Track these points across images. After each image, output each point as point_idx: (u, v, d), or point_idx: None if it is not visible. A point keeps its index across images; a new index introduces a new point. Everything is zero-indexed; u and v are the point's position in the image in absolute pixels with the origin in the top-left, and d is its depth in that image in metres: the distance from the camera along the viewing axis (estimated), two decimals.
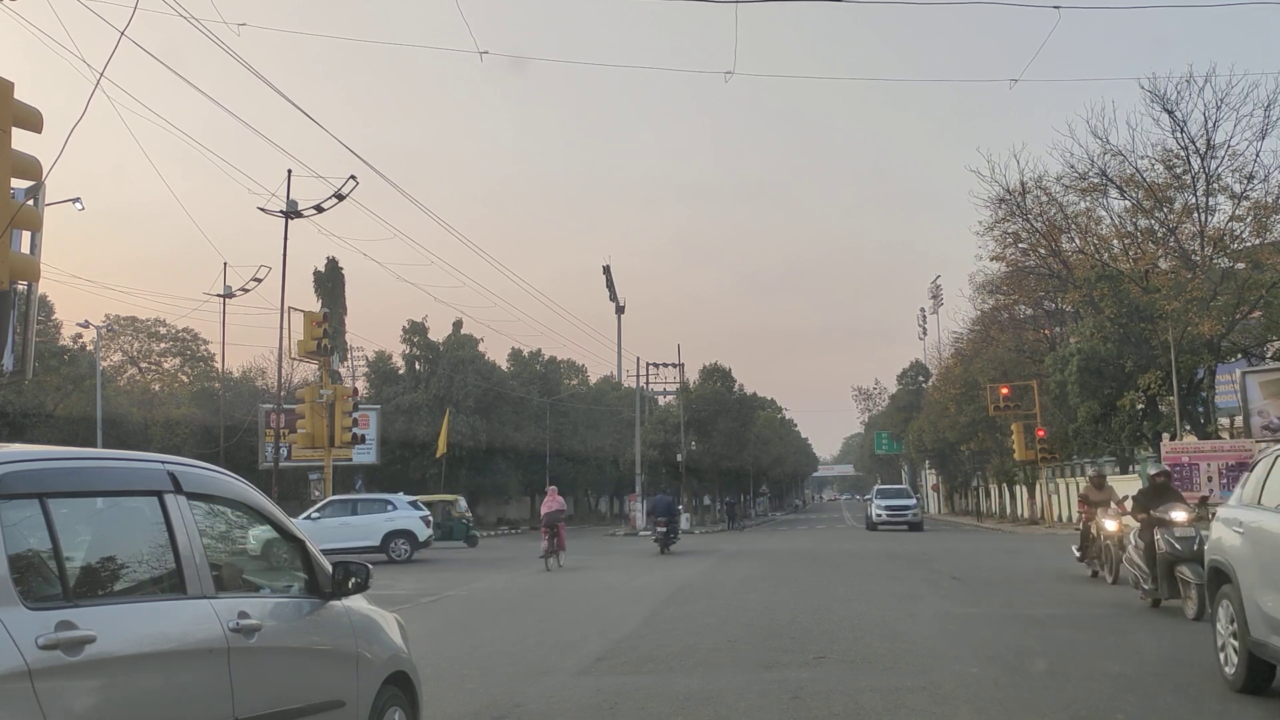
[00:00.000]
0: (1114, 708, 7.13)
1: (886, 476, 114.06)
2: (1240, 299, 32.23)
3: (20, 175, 9.09)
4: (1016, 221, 38.94)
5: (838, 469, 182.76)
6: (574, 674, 8.94)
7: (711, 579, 18.52)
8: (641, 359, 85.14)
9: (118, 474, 3.92)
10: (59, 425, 41.26)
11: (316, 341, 35.18)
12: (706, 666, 9.10)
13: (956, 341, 60.57)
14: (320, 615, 4.71)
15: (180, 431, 46.15)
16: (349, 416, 35.53)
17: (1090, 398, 35.53)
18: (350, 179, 31.76)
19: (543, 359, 70.77)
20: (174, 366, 59.34)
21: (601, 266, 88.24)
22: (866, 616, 12.31)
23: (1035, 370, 43.72)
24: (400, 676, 5.26)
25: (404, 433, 53.03)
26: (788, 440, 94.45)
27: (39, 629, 3.14)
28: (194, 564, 3.91)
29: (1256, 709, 7.07)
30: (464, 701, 7.79)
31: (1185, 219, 36.41)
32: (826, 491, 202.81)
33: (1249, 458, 30.11)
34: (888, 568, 20.32)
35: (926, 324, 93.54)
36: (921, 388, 78.04)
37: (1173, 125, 34.61)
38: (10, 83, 8.72)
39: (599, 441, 68.63)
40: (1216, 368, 34.80)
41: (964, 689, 7.84)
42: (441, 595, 16.79)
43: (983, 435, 52.60)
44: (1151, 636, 10.24)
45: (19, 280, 10.64)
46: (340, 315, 46.60)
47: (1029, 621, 11.55)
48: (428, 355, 58.16)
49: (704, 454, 58.92)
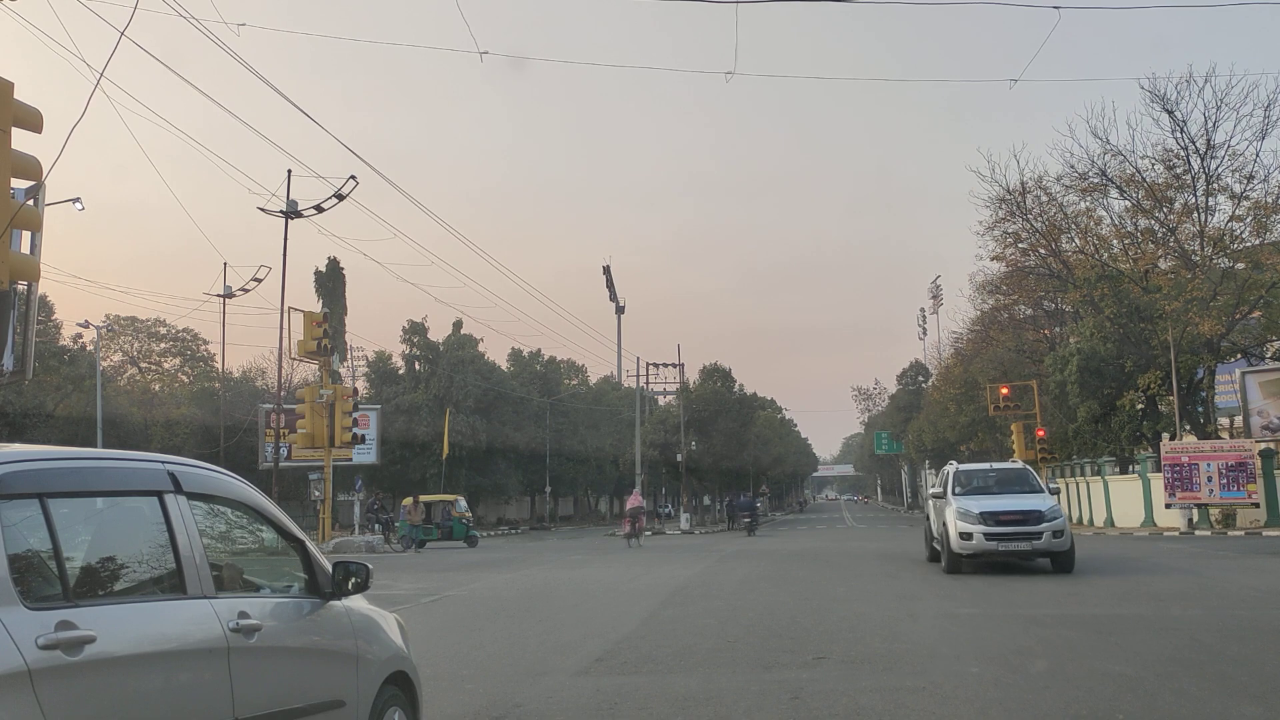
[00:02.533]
0: (1114, 708, 7.13)
1: (886, 477, 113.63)
2: (1240, 299, 32.25)
3: (20, 175, 9.10)
4: (1016, 221, 38.99)
5: (838, 469, 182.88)
6: (573, 674, 8.93)
7: (710, 579, 18.52)
8: (641, 359, 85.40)
9: (118, 474, 3.92)
10: (59, 425, 41.26)
11: (316, 341, 35.25)
12: (706, 667, 9.10)
13: (956, 341, 60.62)
14: (320, 615, 4.71)
15: (180, 431, 46.15)
16: (349, 416, 35.58)
17: (1090, 398, 35.56)
18: (350, 179, 31.84)
19: (543, 359, 70.81)
20: (174, 366, 59.39)
21: (602, 267, 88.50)
22: (866, 616, 12.31)
23: (1035, 370, 43.73)
24: (400, 676, 5.26)
25: (404, 433, 53.03)
26: (788, 440, 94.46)
27: (39, 629, 3.14)
28: (194, 564, 3.91)
29: (1257, 708, 7.07)
30: (464, 701, 7.79)
31: (1185, 219, 36.44)
32: (826, 491, 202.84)
33: (1249, 458, 30.17)
34: (888, 568, 20.32)
35: (926, 324, 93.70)
36: (921, 388, 78.10)
37: (1173, 125, 34.69)
38: (10, 83, 8.72)
39: (599, 441, 68.65)
40: (1216, 368, 34.83)
41: (964, 689, 7.83)
42: (441, 595, 16.78)
43: (983, 435, 52.61)
44: (1152, 637, 10.24)
45: (19, 280, 10.65)
46: (340, 315, 46.58)
47: (1029, 621, 11.55)
48: (428, 355, 58.17)
49: (704, 454, 58.93)
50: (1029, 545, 17.48)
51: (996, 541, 17.46)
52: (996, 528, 17.48)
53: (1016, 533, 17.45)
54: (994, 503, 18.14)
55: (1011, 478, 19.95)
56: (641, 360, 68.42)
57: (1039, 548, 17.51)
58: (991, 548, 17.55)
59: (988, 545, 17.52)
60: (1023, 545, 17.49)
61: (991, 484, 19.69)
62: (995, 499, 18.39)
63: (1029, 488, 19.22)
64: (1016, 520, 17.58)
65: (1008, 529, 17.47)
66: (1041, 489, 19.16)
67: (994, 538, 17.46)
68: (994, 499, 18.39)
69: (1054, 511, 17.67)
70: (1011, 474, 20.29)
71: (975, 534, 17.51)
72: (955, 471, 19.97)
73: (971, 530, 17.56)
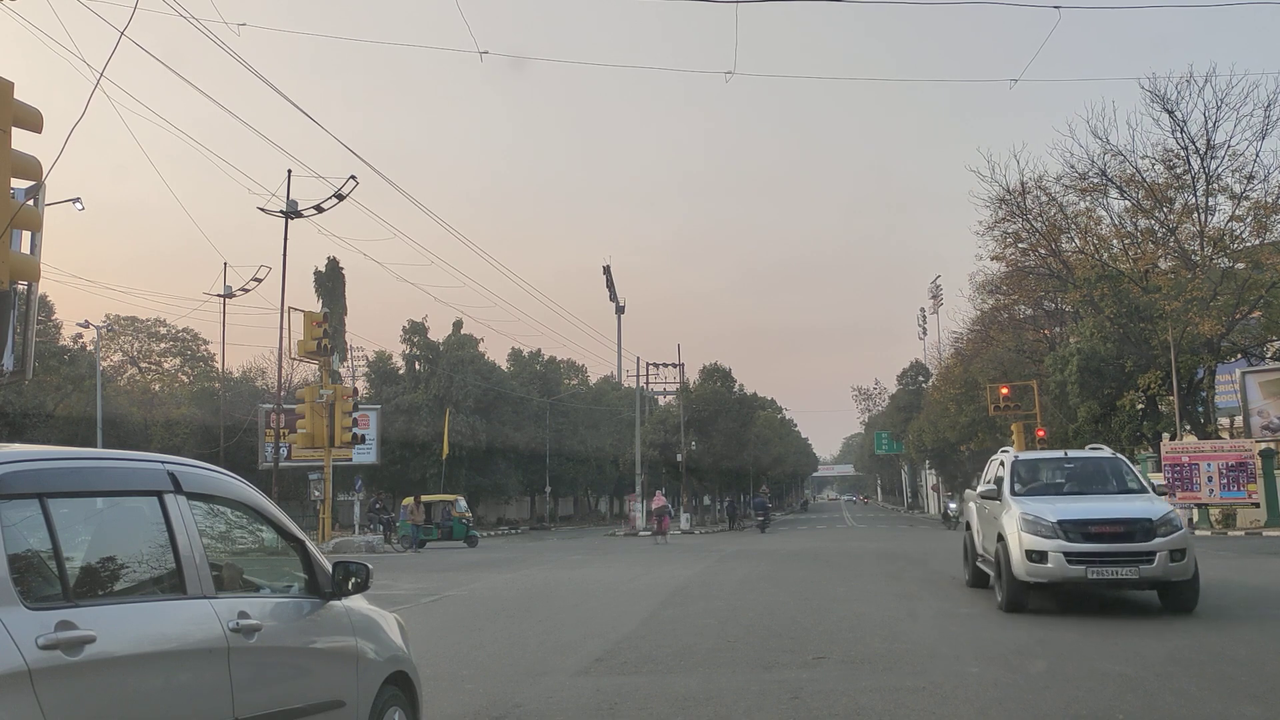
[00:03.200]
0: (1114, 708, 7.13)
1: (886, 477, 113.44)
2: (1240, 299, 32.27)
3: (20, 175, 9.11)
4: (1016, 221, 38.98)
5: (838, 469, 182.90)
6: (573, 674, 8.93)
7: (710, 579, 18.51)
8: (641, 359, 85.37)
9: (118, 474, 3.92)
10: (59, 425, 41.26)
11: (316, 341, 35.27)
12: (706, 667, 9.10)
13: (956, 341, 60.58)
14: (320, 615, 4.71)
15: (180, 431, 46.15)
16: (349, 416, 35.60)
17: (1090, 398, 35.56)
18: (350, 179, 31.86)
19: (542, 359, 70.83)
20: (174, 366, 59.40)
21: (602, 267, 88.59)
22: (866, 616, 12.31)
23: (1035, 370, 43.72)
24: (400, 676, 5.26)
25: (404, 433, 53.03)
26: (788, 440, 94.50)
27: (39, 629, 3.14)
28: (194, 564, 3.91)
29: (1257, 708, 7.08)
30: (463, 701, 7.79)
31: (1185, 219, 36.45)
32: (826, 491, 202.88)
33: (1249, 458, 30.17)
34: (887, 568, 20.32)
35: (926, 324, 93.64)
36: (921, 388, 78.06)
37: (1173, 125, 34.70)
38: (10, 83, 8.73)
39: (599, 441, 68.65)
40: (1216, 368, 34.84)
41: (964, 689, 7.83)
42: (441, 595, 16.78)
43: (983, 435, 52.57)
44: (1153, 637, 10.24)
45: (19, 280, 10.65)
46: (340, 315, 46.60)
47: (1029, 621, 11.54)
48: (428, 355, 58.17)
49: (704, 454, 58.94)
50: (1135, 573, 11.72)
51: (1085, 566, 11.80)
52: (1085, 544, 11.87)
53: (1117, 553, 11.79)
54: (1078, 507, 12.56)
55: (1096, 471, 14.18)
56: (641, 360, 68.48)
57: (1149, 576, 11.76)
58: (1077, 575, 11.85)
59: (1071, 571, 11.85)
60: (1127, 573, 11.73)
61: (1067, 479, 14.13)
62: (1078, 502, 12.94)
63: (1125, 485, 13.58)
64: (1116, 534, 11.93)
65: (1103, 547, 11.85)
66: (1144, 486, 13.50)
67: (1081, 559, 11.83)
68: (1076, 502, 12.94)
69: (1169, 521, 12.06)
70: (1096, 465, 14.35)
71: (1052, 553, 11.91)
72: (1013, 461, 14.27)
73: (1045, 548, 11.95)
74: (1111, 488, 13.69)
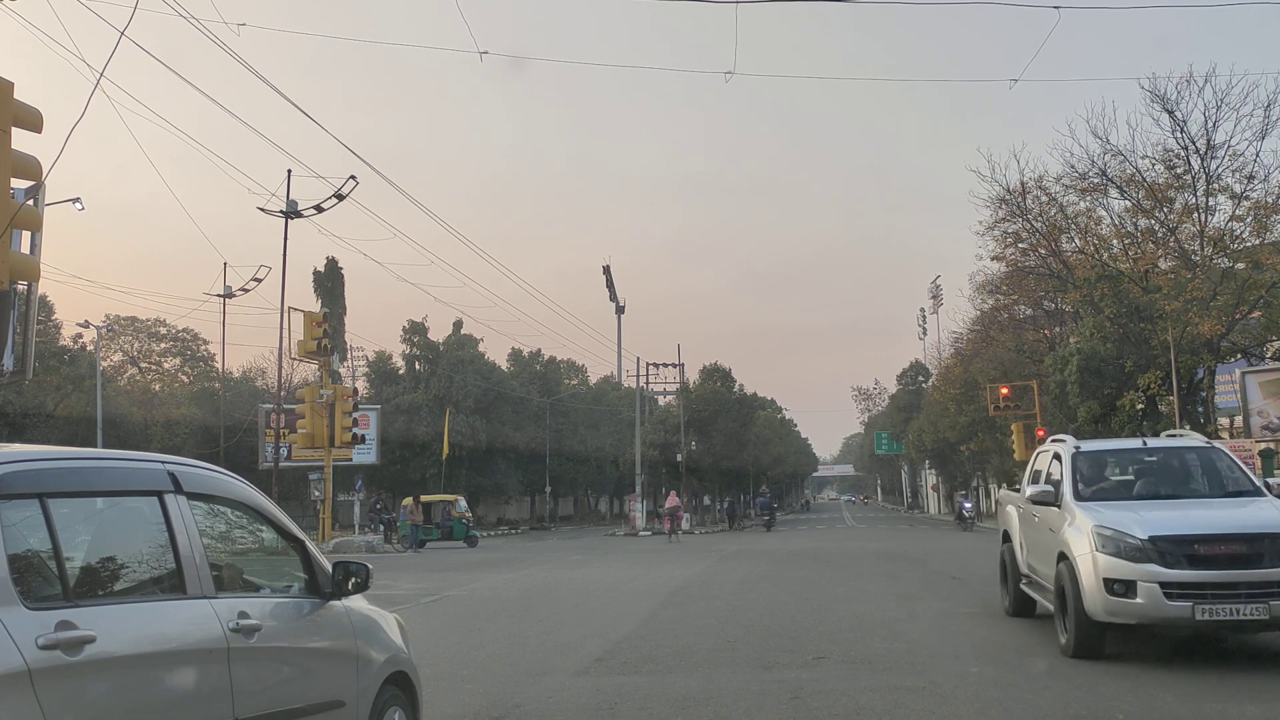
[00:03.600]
0: (1114, 708, 7.13)
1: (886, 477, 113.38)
2: (1240, 299, 32.25)
3: (20, 175, 9.09)
4: (1016, 221, 38.92)
5: (838, 469, 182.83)
6: (573, 674, 8.93)
7: (710, 579, 18.51)
8: (641, 359, 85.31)
9: (118, 474, 3.93)
10: (59, 425, 41.25)
11: (316, 341, 35.26)
12: (706, 667, 9.10)
13: (956, 341, 60.54)
14: (320, 615, 4.71)
15: (180, 431, 46.14)
16: (349, 416, 35.60)
17: (1090, 398, 35.54)
18: (350, 179, 31.87)
19: (542, 359, 70.83)
20: (174, 366, 59.41)
21: (602, 267, 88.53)
22: (866, 616, 12.31)
23: (1035, 370, 43.69)
24: (400, 676, 5.26)
25: (404, 433, 53.03)
26: (788, 440, 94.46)
27: (39, 629, 3.14)
28: (194, 564, 3.91)
29: (1256, 708, 7.08)
30: (463, 701, 7.79)
31: (1185, 219, 36.42)
32: (826, 491, 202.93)
33: (1249, 458, 30.14)
34: (887, 568, 20.32)
35: (926, 324, 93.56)
36: (921, 388, 78.02)
37: (1173, 125, 34.64)
38: (10, 83, 8.72)
39: (599, 441, 68.64)
40: (1216, 368, 34.82)
41: (964, 689, 7.84)
42: (441, 595, 16.78)
43: (983, 435, 52.57)
44: (1152, 636, 10.23)
45: (19, 280, 10.64)
46: (340, 315, 46.59)
47: (1029, 621, 11.54)
48: (428, 355, 58.18)
49: (704, 454, 58.95)
50: (1265, 612, 8.22)
51: (1191, 601, 8.33)
52: (1191, 571, 8.42)
53: (1237, 582, 8.34)
54: (1175, 517, 9.09)
55: (1185, 467, 10.69)
56: (641, 360, 68.42)
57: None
58: (1179, 614, 8.41)
59: (1171, 609, 8.42)
60: (1252, 611, 8.23)
61: (1148, 477, 10.54)
62: (1173, 509, 9.45)
63: (1228, 486, 10.06)
64: (1235, 556, 8.51)
65: (1217, 575, 8.39)
66: (1257, 487, 9.95)
67: (1186, 592, 8.38)
68: (1170, 509, 9.43)
69: None
70: (1186, 458, 10.78)
71: (1143, 584, 8.49)
72: (1073, 453, 10.55)
73: (1133, 575, 8.56)
74: (1211, 489, 10.21)
